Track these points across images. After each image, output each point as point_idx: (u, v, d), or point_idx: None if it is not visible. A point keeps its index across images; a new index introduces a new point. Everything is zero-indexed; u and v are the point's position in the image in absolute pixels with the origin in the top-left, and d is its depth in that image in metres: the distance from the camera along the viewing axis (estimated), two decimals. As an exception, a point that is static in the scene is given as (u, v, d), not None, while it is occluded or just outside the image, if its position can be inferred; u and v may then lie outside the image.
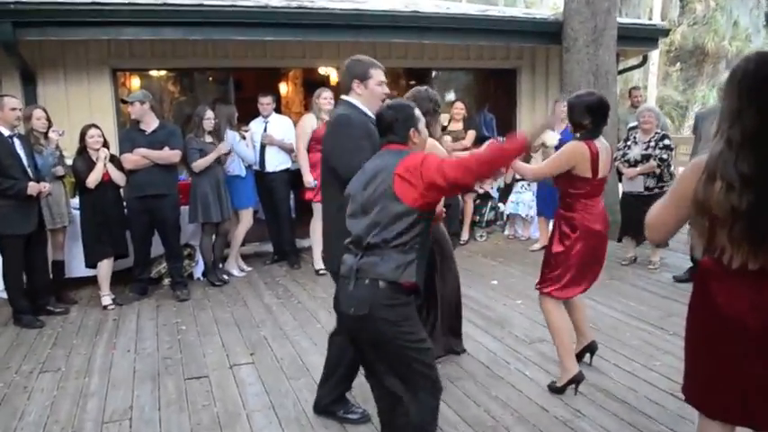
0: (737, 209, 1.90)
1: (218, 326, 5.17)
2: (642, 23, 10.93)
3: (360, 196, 2.66)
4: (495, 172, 2.63)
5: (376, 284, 2.53)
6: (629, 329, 4.84)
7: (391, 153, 2.68)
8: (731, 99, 1.99)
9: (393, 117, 2.74)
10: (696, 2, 22.72)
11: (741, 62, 2.03)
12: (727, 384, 2.07)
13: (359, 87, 3.21)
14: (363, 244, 2.58)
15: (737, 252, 1.96)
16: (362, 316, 2.54)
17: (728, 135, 1.96)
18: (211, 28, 6.80)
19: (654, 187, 6.43)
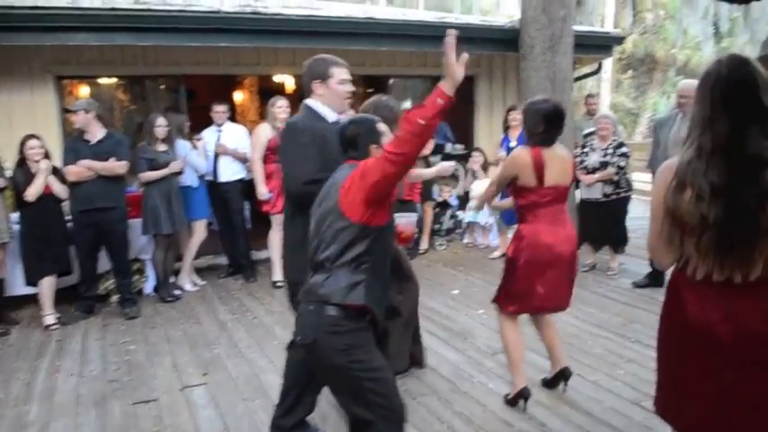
0: (706, 219, 1.85)
1: (169, 345, 4.94)
2: (597, 31, 11.05)
3: (317, 213, 2.54)
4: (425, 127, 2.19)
5: (321, 309, 2.37)
6: (591, 338, 4.79)
7: (346, 167, 2.55)
8: (703, 105, 1.93)
9: (356, 132, 2.60)
10: (646, 11, 23.24)
11: (713, 66, 1.97)
12: (700, 397, 2.01)
13: (320, 88, 3.06)
14: (314, 263, 2.46)
15: (703, 262, 1.92)
16: (309, 345, 2.40)
17: (699, 143, 1.90)
18: (161, 33, 6.55)
19: (611, 194, 6.45)
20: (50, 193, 5.33)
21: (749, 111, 1.87)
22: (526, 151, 3.50)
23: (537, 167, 3.44)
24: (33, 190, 5.20)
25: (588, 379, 4.05)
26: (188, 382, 4.20)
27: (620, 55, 21.47)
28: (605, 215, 6.50)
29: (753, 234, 1.85)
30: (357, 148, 2.58)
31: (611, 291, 6.02)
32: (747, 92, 1.87)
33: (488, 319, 5.21)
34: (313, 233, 2.52)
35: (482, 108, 9.22)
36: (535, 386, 3.88)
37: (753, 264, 1.88)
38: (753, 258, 1.87)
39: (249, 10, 7.00)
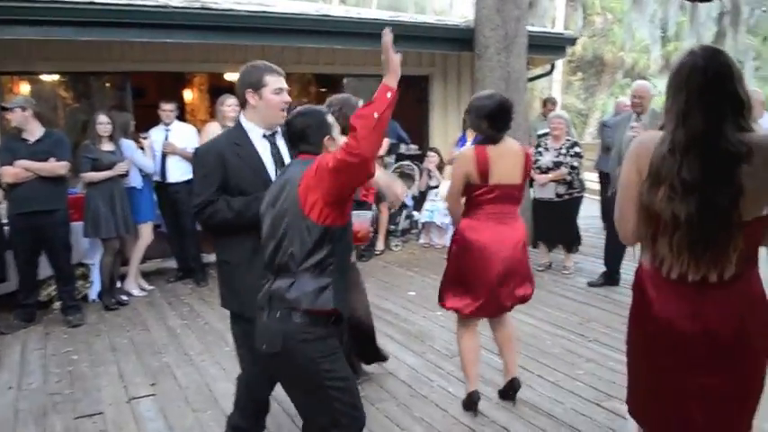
0: (678, 217, 1.82)
1: (114, 354, 4.71)
2: (551, 32, 11.14)
3: (269, 214, 2.39)
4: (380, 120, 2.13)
5: (289, 316, 2.25)
6: (550, 337, 4.77)
7: (299, 163, 2.42)
8: (678, 99, 1.88)
9: (305, 124, 2.46)
10: (596, 15, 23.69)
11: (687, 57, 1.91)
12: (669, 397, 1.99)
13: (253, 98, 2.78)
14: (274, 267, 2.32)
15: (677, 261, 1.88)
16: (276, 354, 2.26)
17: (673, 137, 1.86)
18: (106, 28, 6.29)
19: (564, 194, 6.48)
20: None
21: (724, 103, 1.83)
22: (471, 149, 3.43)
23: (480, 165, 3.33)
24: None
25: (548, 379, 4.01)
26: (135, 394, 3.99)
27: (570, 57, 21.83)
28: (558, 215, 6.53)
29: (726, 232, 1.82)
30: (309, 141, 2.45)
31: (567, 290, 6.03)
32: (724, 82, 1.84)
33: (446, 320, 5.14)
34: (267, 235, 2.38)
35: (437, 108, 9.19)
36: (498, 389, 3.83)
37: (727, 261, 1.85)
38: (727, 256, 1.84)
39: (198, 5, 6.79)
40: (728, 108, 1.83)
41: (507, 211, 3.45)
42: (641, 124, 5.51)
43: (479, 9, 8.03)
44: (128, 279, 6.25)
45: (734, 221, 1.80)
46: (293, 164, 2.47)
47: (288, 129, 2.52)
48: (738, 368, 1.93)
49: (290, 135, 2.53)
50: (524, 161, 3.48)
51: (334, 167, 2.15)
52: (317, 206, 2.23)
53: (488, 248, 3.37)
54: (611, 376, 3.92)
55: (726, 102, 1.83)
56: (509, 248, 3.41)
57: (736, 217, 1.80)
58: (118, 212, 5.65)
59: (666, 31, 20.05)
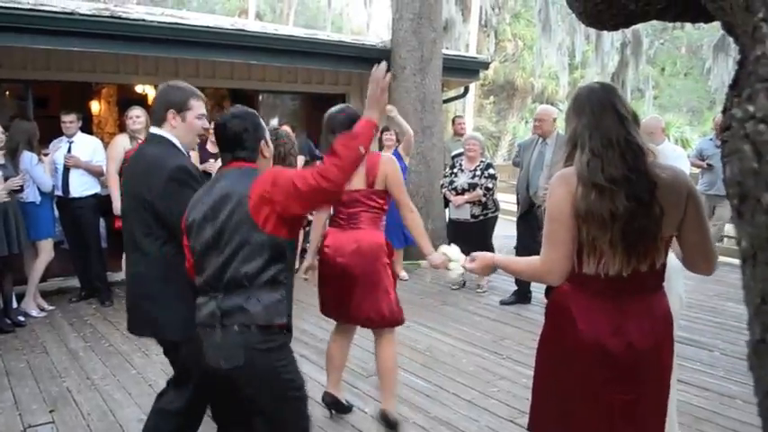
0: (615, 212, 1.91)
1: (9, 379, 4.40)
2: (465, 56, 11.45)
3: (207, 228, 2.27)
4: (363, 155, 2.16)
5: (248, 329, 2.18)
6: (465, 356, 4.82)
7: (240, 173, 2.32)
8: (583, 115, 2.04)
9: (241, 127, 2.35)
10: (507, 41, 24.60)
11: (583, 90, 2.14)
12: (589, 414, 2.03)
13: (174, 119, 2.69)
14: (222, 283, 2.22)
15: (614, 257, 1.96)
16: (238, 368, 2.18)
17: (590, 145, 1.99)
18: (5, 33, 5.92)
19: (479, 215, 6.60)
20: None
21: (624, 110, 2.03)
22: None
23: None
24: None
25: (464, 398, 4.04)
26: (31, 422, 3.73)
27: (483, 81, 22.53)
28: (473, 235, 6.62)
29: (652, 222, 1.94)
30: (245, 146, 2.36)
31: (481, 308, 6.13)
32: (618, 96, 2.07)
33: (362, 339, 5.08)
34: (206, 250, 2.26)
35: (353, 126, 9.19)
36: (414, 408, 3.82)
37: (656, 252, 1.99)
38: (656, 247, 1.98)
39: (107, 13, 6.52)
40: (626, 113, 2.03)
41: (355, 216, 3.46)
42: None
43: (396, 30, 8.15)
44: (26, 299, 5.87)
45: (656, 212, 1.93)
46: (231, 173, 2.34)
47: (221, 132, 2.38)
48: (656, 383, 2.05)
49: (223, 139, 2.39)
50: (368, 167, 3.40)
51: (307, 190, 2.13)
52: (270, 220, 2.19)
53: (327, 252, 3.49)
54: (525, 393, 3.97)
55: (623, 108, 2.03)
56: (346, 254, 3.42)
57: (657, 209, 1.93)
58: (11, 228, 5.29)
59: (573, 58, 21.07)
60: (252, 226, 2.19)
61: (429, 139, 8.01)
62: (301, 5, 31.44)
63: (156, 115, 2.76)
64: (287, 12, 28.51)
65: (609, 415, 2.00)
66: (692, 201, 1.98)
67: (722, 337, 5.24)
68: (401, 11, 8.09)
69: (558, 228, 2.00)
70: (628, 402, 2.00)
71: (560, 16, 18.13)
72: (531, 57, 23.59)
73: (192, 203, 2.37)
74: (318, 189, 2.13)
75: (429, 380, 4.35)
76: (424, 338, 5.22)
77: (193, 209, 2.34)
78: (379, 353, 3.57)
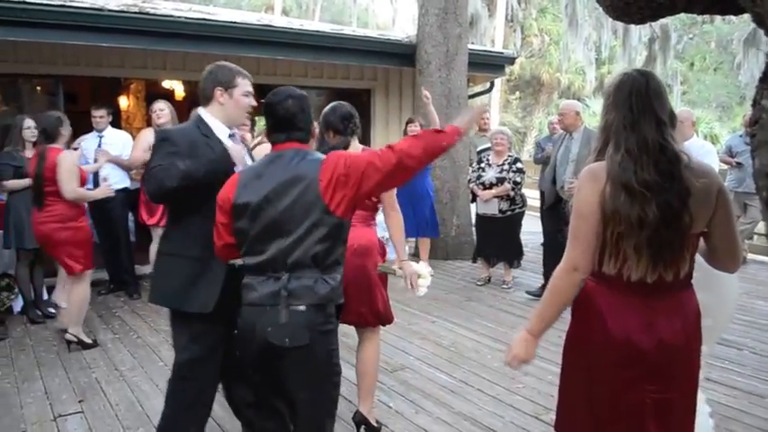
0: (643, 219, 1.88)
1: (40, 369, 4.47)
2: (491, 51, 11.36)
3: (269, 210, 2.26)
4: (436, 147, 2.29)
5: (312, 310, 2.23)
6: (490, 352, 4.80)
7: (302, 155, 2.33)
8: (623, 112, 1.98)
9: (297, 107, 2.36)
10: (533, 36, 24.39)
11: (624, 78, 2.04)
12: (618, 414, 1.99)
13: (222, 96, 2.78)
14: (288, 264, 2.23)
15: (639, 263, 1.93)
16: (299, 347, 2.22)
17: (626, 145, 1.94)
18: (36, 29, 6.03)
19: (507, 210, 6.56)
20: None
21: (663, 115, 1.97)
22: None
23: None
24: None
25: (488, 393, 4.03)
26: (61, 411, 3.79)
27: (509, 76, 22.38)
28: (501, 230, 6.60)
29: (680, 233, 1.91)
30: (300, 127, 2.38)
31: (506, 304, 6.10)
32: (662, 97, 2.00)
33: (386, 334, 5.10)
34: (270, 232, 2.26)
35: (378, 121, 9.20)
36: (438, 403, 3.82)
37: (682, 261, 1.95)
38: (682, 256, 1.94)
39: (136, 9, 6.59)
40: (667, 119, 1.97)
41: (363, 216, 3.43)
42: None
43: (422, 25, 8.12)
44: (56, 291, 5.94)
45: (685, 222, 1.89)
46: (290, 155, 2.34)
47: (275, 112, 2.37)
48: (688, 382, 2.01)
49: (278, 119, 2.38)
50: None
51: (389, 168, 2.23)
52: (343, 203, 2.24)
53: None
54: (550, 390, 3.96)
55: (664, 113, 1.97)
56: (354, 256, 3.29)
57: (687, 218, 1.89)
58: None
59: (600, 54, 20.83)
60: (323, 208, 2.22)
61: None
62: (327, 1, 31.51)
63: (204, 94, 2.82)
64: (313, 7, 28.62)
65: (639, 415, 1.96)
66: (722, 199, 1.95)
67: (751, 336, 5.16)
68: (427, 6, 8.06)
69: (583, 224, 1.97)
70: (659, 402, 1.95)
71: (587, 11, 17.91)
72: (557, 52, 23.36)
73: (243, 184, 2.33)
74: (401, 165, 2.23)
75: (453, 375, 4.34)
76: (449, 334, 5.21)
77: (245, 190, 2.31)
78: (362, 353, 3.51)
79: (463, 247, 8.15)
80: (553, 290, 2.06)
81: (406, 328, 5.34)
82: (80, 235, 4.85)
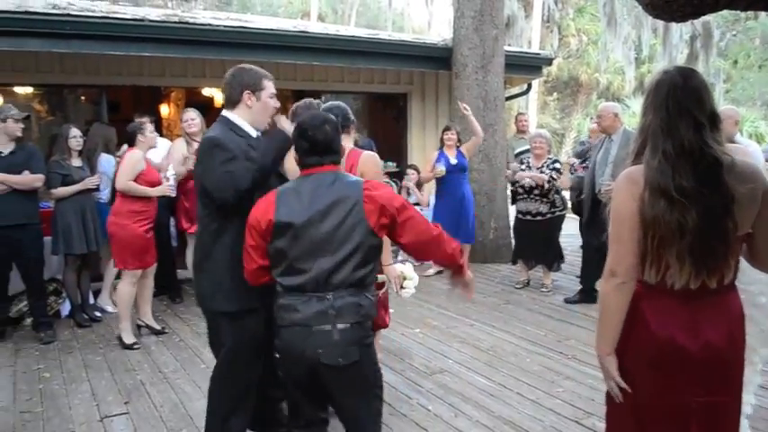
0: (683, 225, 1.84)
1: (87, 371, 4.59)
2: (528, 52, 11.28)
3: (312, 231, 2.31)
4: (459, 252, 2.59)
5: (356, 326, 2.31)
6: (529, 355, 4.76)
7: (341, 178, 2.42)
8: (660, 113, 1.94)
9: (333, 131, 2.45)
10: (570, 36, 24.09)
11: (663, 76, 1.99)
12: (664, 419, 1.96)
13: (250, 99, 2.83)
14: (332, 284, 2.29)
15: (681, 270, 1.89)
16: (352, 364, 2.30)
17: (664, 148, 1.90)
18: (80, 41, 6.21)
19: (547, 213, 6.49)
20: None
21: (702, 116, 1.91)
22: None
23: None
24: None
25: (528, 397, 3.99)
26: (107, 412, 3.89)
27: (546, 78, 22.15)
28: (541, 233, 6.52)
29: (723, 239, 1.87)
30: (336, 152, 2.48)
31: (545, 308, 6.04)
32: (702, 97, 1.93)
33: (425, 338, 5.13)
34: (314, 252, 2.31)
35: (415, 125, 9.21)
36: (477, 406, 3.81)
37: (726, 268, 1.91)
38: (726, 263, 1.90)
39: (176, 19, 6.75)
40: (706, 120, 1.91)
41: None
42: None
43: (458, 28, 8.11)
44: (101, 295, 6.12)
45: (729, 229, 1.85)
46: (328, 178, 2.39)
47: (313, 137, 2.41)
48: (734, 386, 1.97)
49: (315, 144, 2.41)
50: (347, 167, 3.35)
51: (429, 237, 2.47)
52: (384, 229, 2.36)
53: None
54: (591, 393, 3.91)
55: (703, 115, 1.91)
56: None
57: (731, 225, 1.85)
58: (90, 228, 5.53)
59: (640, 53, 20.47)
60: (368, 230, 2.31)
61: (491, 137, 7.93)
62: (362, 6, 31.64)
63: (230, 98, 2.86)
64: (348, 13, 28.76)
65: (684, 419, 1.93)
66: (767, 200, 1.90)
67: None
68: (462, 9, 8.05)
69: (621, 228, 1.95)
70: (705, 405, 1.92)
71: (626, 9, 17.62)
72: (595, 52, 23.00)
73: (282, 204, 2.36)
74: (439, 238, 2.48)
75: (493, 378, 4.31)
76: (488, 337, 5.18)
77: (286, 210, 2.34)
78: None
79: (501, 250, 8.10)
80: (601, 301, 2.06)
81: (445, 332, 5.33)
82: (123, 234, 5.02)
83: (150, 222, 5.18)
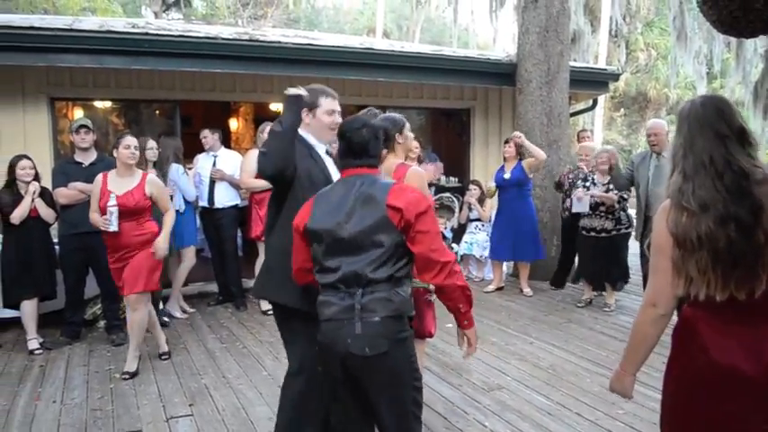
0: (701, 237, 1.84)
1: (155, 373, 4.79)
2: (593, 67, 11.15)
3: (341, 231, 2.41)
4: (461, 293, 2.51)
5: (387, 320, 2.36)
6: (590, 375, 4.68)
7: (372, 179, 2.49)
8: (682, 133, 1.99)
9: (371, 135, 2.53)
10: (639, 51, 23.60)
11: (687, 103, 2.06)
12: None
13: (307, 117, 2.99)
14: (360, 281, 2.37)
15: (703, 282, 1.87)
16: (379, 355, 2.34)
17: (683, 166, 1.94)
18: (157, 58, 6.53)
19: (612, 229, 6.37)
20: (37, 216, 5.22)
21: (723, 127, 1.93)
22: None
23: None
24: (18, 213, 5.09)
25: (587, 418, 3.93)
26: (173, 413, 4.05)
27: (613, 93, 21.75)
28: (605, 251, 6.39)
29: (752, 248, 1.83)
30: (371, 154, 2.54)
31: (608, 327, 5.92)
32: (721, 112, 1.96)
33: (483, 353, 5.11)
34: (343, 251, 2.41)
35: (478, 141, 9.21)
36: (534, 425, 3.77)
37: (757, 280, 1.84)
38: (756, 274, 1.84)
39: (247, 37, 6.99)
40: (729, 131, 1.92)
41: None
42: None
43: (522, 44, 8.09)
44: (170, 301, 6.36)
45: (759, 238, 1.82)
46: (360, 179, 2.49)
47: (349, 138, 2.53)
48: None
49: (351, 145, 2.53)
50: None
51: (429, 218, 2.41)
52: (402, 223, 2.37)
53: None
54: (652, 417, 3.82)
55: (724, 126, 1.93)
56: None
57: (761, 234, 1.82)
58: (162, 236, 5.76)
59: (712, 67, 19.83)
60: (392, 229, 2.36)
61: (555, 153, 7.86)
62: (427, 22, 31.87)
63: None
64: (413, 29, 28.98)
65: None
66: None
67: None
68: (527, 24, 8.03)
69: (660, 258, 1.95)
70: None
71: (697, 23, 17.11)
72: (665, 66, 22.45)
73: (315, 209, 2.49)
74: (443, 265, 2.40)
75: (551, 397, 4.27)
76: (548, 355, 5.13)
77: (318, 214, 2.47)
78: None
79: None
80: (634, 327, 2.06)
81: (504, 348, 5.30)
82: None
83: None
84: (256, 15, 28.03)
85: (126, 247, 4.69)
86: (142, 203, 4.70)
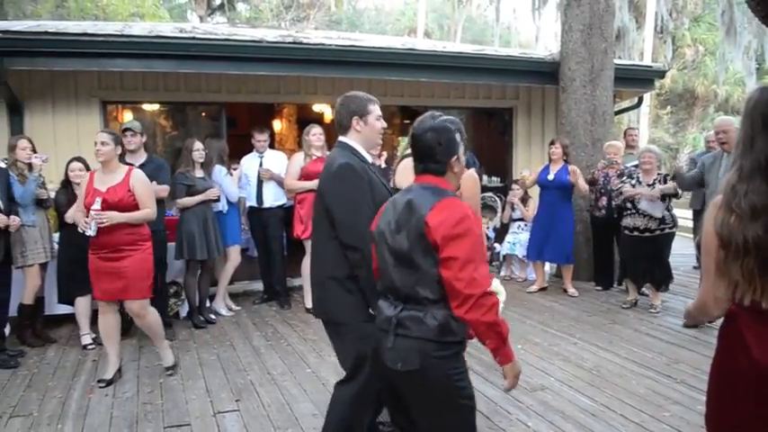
0: (748, 240, 1.79)
1: (202, 369, 4.91)
2: (638, 65, 10.96)
3: (390, 239, 2.36)
4: (488, 329, 2.21)
5: (420, 341, 2.25)
6: (635, 377, 4.63)
7: (426, 191, 2.34)
8: (744, 126, 1.91)
9: (435, 140, 2.35)
10: (686, 47, 23.07)
11: (755, 91, 1.95)
12: None
13: (358, 124, 3.01)
14: (402, 295, 2.31)
15: (749, 287, 1.82)
16: (412, 371, 2.25)
17: (740, 163, 1.87)
18: (203, 61, 6.69)
19: (656, 229, 6.26)
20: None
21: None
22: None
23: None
24: (72, 212, 5.28)
25: (633, 420, 3.89)
26: (220, 408, 4.15)
27: (659, 90, 21.31)
28: (649, 251, 6.29)
29: None
30: (436, 160, 2.36)
31: (654, 329, 5.83)
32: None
33: (526, 354, 5.09)
34: (391, 260, 2.35)
35: (520, 140, 9.14)
36: (578, 426, 3.75)
37: None
38: None
39: (290, 40, 7.11)
40: None
41: None
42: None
43: (565, 42, 8.01)
44: (216, 299, 6.50)
45: None
46: (419, 189, 2.37)
47: (415, 144, 2.42)
48: None
49: (416, 150, 2.42)
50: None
51: (467, 243, 2.18)
52: (436, 243, 2.22)
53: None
54: (699, 420, 3.71)
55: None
56: None
57: None
58: (211, 235, 5.93)
59: (762, 63, 19.28)
60: (429, 247, 2.22)
61: (599, 152, 7.76)
62: (468, 21, 31.73)
63: (342, 124, 3.05)
64: (454, 28, 28.91)
65: None
66: None
67: None
68: (570, 22, 7.94)
69: (708, 258, 1.91)
70: None
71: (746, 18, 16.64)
72: (713, 63, 21.88)
73: (382, 214, 2.47)
74: (466, 297, 2.15)
75: (595, 399, 4.23)
76: (592, 357, 5.08)
77: (381, 220, 2.45)
78: None
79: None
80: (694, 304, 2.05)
81: (547, 349, 5.27)
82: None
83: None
84: (299, 17, 28.36)
85: (114, 244, 4.45)
86: (127, 200, 4.47)
